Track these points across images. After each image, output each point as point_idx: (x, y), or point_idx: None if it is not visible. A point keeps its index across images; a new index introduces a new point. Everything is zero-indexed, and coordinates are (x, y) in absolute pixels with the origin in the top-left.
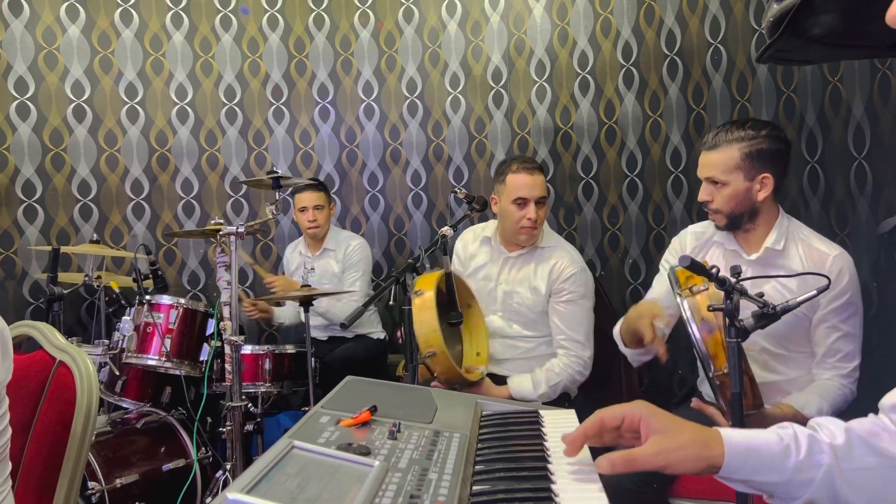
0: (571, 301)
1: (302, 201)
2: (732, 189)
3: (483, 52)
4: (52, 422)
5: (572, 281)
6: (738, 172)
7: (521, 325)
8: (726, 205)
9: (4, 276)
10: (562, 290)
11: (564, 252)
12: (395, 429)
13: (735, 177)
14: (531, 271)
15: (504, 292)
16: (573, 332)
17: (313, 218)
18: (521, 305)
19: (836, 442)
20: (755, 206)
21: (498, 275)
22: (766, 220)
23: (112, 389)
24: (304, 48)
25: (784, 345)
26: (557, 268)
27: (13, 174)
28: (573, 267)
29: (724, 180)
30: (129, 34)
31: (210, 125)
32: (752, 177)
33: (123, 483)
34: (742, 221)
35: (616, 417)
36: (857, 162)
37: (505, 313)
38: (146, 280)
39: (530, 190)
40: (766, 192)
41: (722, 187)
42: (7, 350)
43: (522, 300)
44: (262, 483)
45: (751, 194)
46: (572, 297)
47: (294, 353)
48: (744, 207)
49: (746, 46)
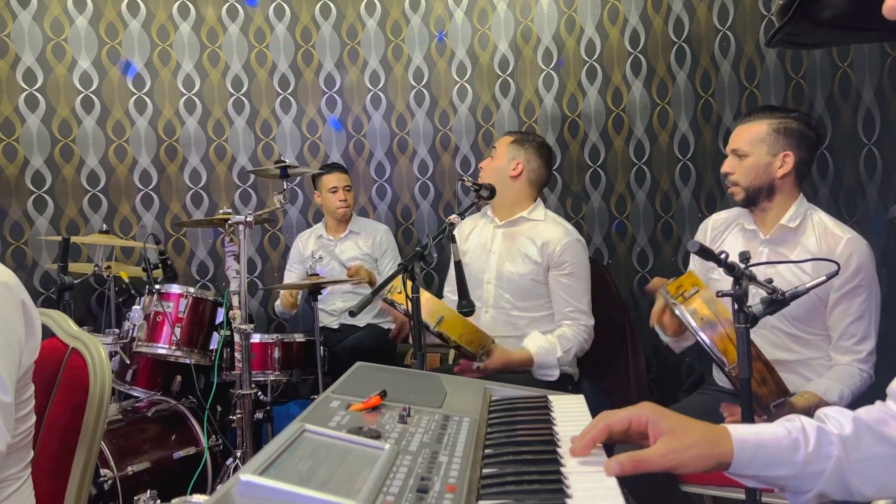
0: (573, 273)
1: (331, 182)
2: (754, 160)
3: (490, 41)
4: (65, 408)
5: (572, 252)
6: (762, 145)
7: (512, 295)
8: (745, 177)
9: (15, 266)
10: (563, 262)
11: (558, 225)
12: (406, 413)
13: (758, 149)
14: (524, 241)
15: (497, 261)
16: (578, 302)
17: (343, 197)
18: (514, 273)
19: (844, 432)
20: (774, 182)
21: (491, 244)
22: (782, 200)
23: (123, 378)
24: (311, 38)
25: (799, 326)
26: (554, 240)
27: (23, 165)
28: (568, 237)
29: (747, 151)
30: (136, 25)
31: (217, 115)
32: (774, 152)
33: (135, 470)
34: (759, 197)
35: (623, 421)
36: (866, 148)
37: (498, 282)
38: (155, 270)
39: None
40: (785, 169)
41: (744, 159)
42: (34, 329)
43: (515, 268)
44: (275, 465)
45: (771, 170)
46: (573, 268)
47: (303, 341)
48: (762, 182)
49: (755, 32)
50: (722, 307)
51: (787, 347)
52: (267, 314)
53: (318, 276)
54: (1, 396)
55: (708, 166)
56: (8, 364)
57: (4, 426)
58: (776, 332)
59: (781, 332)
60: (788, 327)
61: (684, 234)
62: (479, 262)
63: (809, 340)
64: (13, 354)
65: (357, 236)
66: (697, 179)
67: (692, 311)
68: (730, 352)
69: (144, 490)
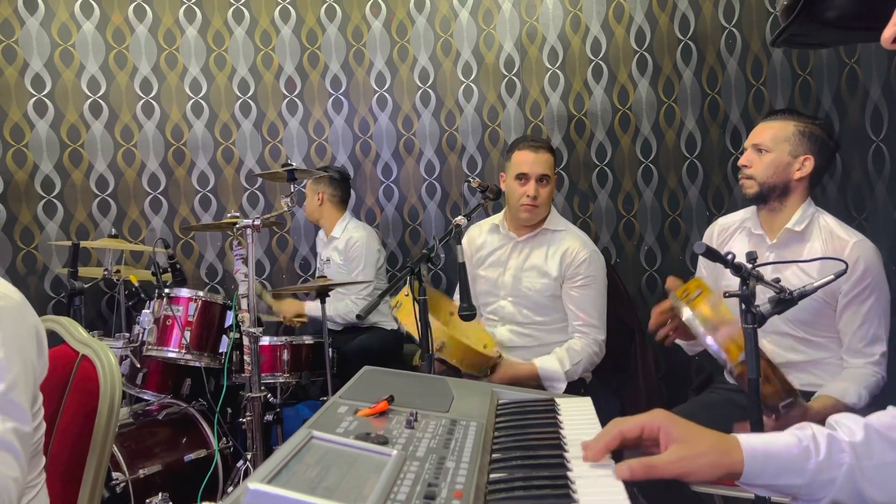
0: (586, 285)
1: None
2: (774, 157)
3: (495, 41)
4: (76, 414)
5: (586, 265)
6: (786, 145)
7: (531, 311)
8: (763, 172)
9: (26, 271)
10: (576, 274)
11: (575, 237)
12: (413, 418)
13: (781, 147)
14: (542, 255)
15: (513, 277)
16: (588, 316)
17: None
18: (531, 290)
19: (855, 439)
20: (789, 184)
21: (507, 260)
22: (793, 203)
23: (133, 382)
24: (317, 40)
25: (807, 330)
26: (570, 252)
27: (32, 171)
28: (586, 251)
29: (770, 147)
30: (142, 29)
31: (224, 119)
32: (796, 154)
33: (147, 473)
34: (771, 196)
35: (635, 428)
36: (874, 145)
37: (515, 298)
38: (165, 273)
39: (531, 166)
40: (803, 172)
41: (765, 154)
42: (43, 348)
43: (532, 284)
44: (283, 473)
45: (789, 170)
46: (587, 281)
47: (311, 343)
48: (778, 180)
49: (761, 30)
50: (724, 309)
51: (797, 350)
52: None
53: (326, 278)
54: (22, 426)
55: (715, 164)
56: (27, 392)
57: (23, 454)
58: (785, 336)
59: (790, 336)
60: (796, 331)
61: (692, 233)
62: (495, 277)
63: (818, 343)
64: (29, 383)
65: (337, 242)
66: (705, 177)
67: (696, 313)
68: (731, 351)
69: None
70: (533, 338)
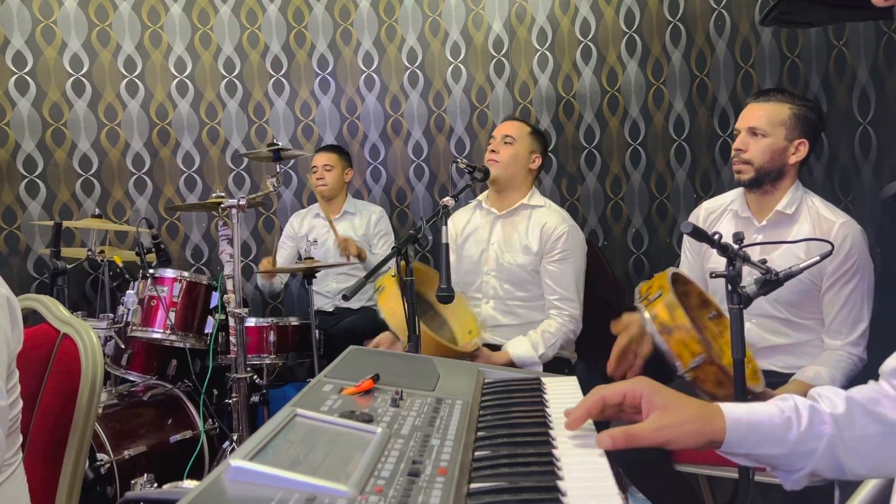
0: (563, 259)
1: (313, 162)
2: (772, 142)
3: (484, 21)
4: (57, 394)
5: (564, 239)
6: (782, 129)
7: (513, 286)
8: (760, 157)
9: (8, 251)
10: (554, 248)
11: (554, 211)
12: (398, 396)
13: (778, 131)
14: (523, 230)
15: (496, 252)
16: (565, 290)
17: (321, 176)
18: (513, 264)
19: (836, 411)
20: (784, 168)
21: (490, 235)
22: (784, 187)
23: (118, 363)
24: (303, 19)
25: (793, 311)
26: (549, 227)
27: (14, 150)
28: (564, 225)
29: (767, 131)
30: (126, 6)
31: (210, 98)
32: (791, 138)
33: (132, 454)
34: (766, 180)
35: (618, 394)
36: (861, 127)
37: (498, 273)
38: (149, 254)
39: (499, 129)
40: (798, 157)
41: (761, 139)
42: (17, 320)
43: (514, 258)
44: (266, 450)
45: (785, 155)
46: (564, 255)
47: (298, 325)
48: (774, 165)
49: (750, 11)
50: (680, 313)
51: (782, 332)
52: (262, 298)
53: (313, 259)
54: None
55: (703, 147)
56: (2, 365)
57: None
58: (771, 319)
59: (776, 318)
60: (782, 313)
61: (679, 215)
62: (478, 254)
63: (804, 325)
64: (3, 356)
65: (353, 217)
66: (692, 160)
67: (653, 316)
68: (684, 356)
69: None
70: (516, 315)
